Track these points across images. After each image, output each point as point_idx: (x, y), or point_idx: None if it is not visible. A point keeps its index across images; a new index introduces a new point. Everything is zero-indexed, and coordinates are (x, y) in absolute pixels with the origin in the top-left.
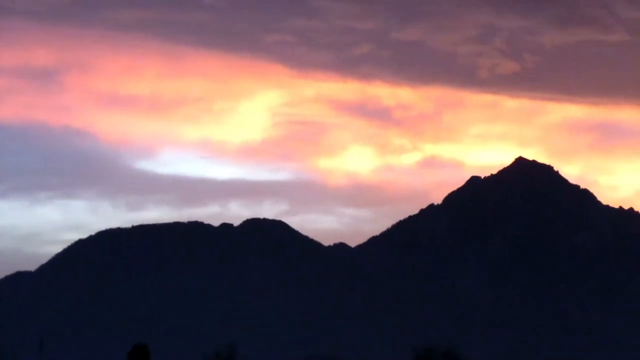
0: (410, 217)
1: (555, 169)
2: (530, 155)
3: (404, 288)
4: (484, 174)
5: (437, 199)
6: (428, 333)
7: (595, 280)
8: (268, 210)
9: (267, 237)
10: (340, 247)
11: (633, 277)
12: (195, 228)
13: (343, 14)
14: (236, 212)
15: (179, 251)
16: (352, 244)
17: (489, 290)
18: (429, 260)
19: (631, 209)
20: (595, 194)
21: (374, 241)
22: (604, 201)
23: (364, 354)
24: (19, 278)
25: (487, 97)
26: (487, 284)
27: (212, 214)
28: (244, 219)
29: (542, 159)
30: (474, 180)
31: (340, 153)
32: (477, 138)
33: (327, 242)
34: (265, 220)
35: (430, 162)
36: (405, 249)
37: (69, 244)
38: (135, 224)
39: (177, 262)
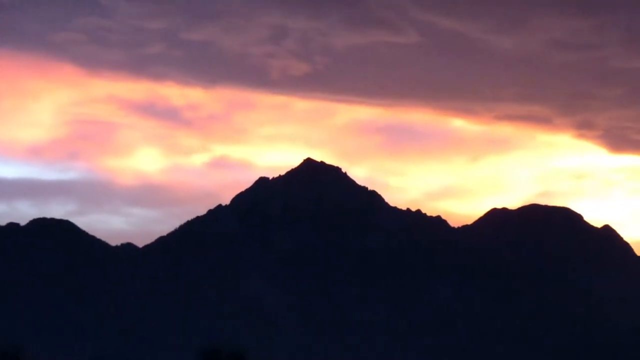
0: (197, 217)
1: (344, 170)
2: (319, 156)
3: (191, 289)
4: (272, 174)
5: (225, 200)
6: (215, 334)
7: (384, 283)
8: (55, 210)
9: (54, 236)
10: (128, 247)
11: (421, 279)
12: None
13: (133, 13)
14: (24, 212)
15: None
16: (140, 244)
17: (276, 291)
18: (216, 260)
19: (419, 211)
20: (384, 196)
21: (161, 241)
22: (393, 203)
23: (151, 354)
24: None
25: (277, 98)
26: (275, 285)
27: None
28: (31, 218)
29: (330, 160)
30: (262, 181)
31: (129, 153)
32: (266, 139)
33: (114, 242)
34: (52, 220)
35: (219, 163)
36: (192, 250)
37: None
38: None
39: None
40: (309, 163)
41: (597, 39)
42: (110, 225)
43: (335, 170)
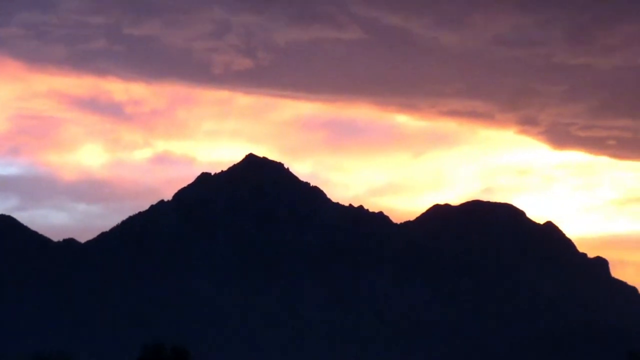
0: (140, 213)
1: (286, 166)
2: (261, 152)
3: (133, 285)
4: (215, 170)
5: (168, 195)
6: (158, 330)
7: (326, 278)
8: None
9: None
10: (70, 243)
11: (362, 275)
12: None
13: (75, 8)
14: None
15: None
16: (82, 239)
17: (217, 287)
18: (158, 256)
19: (361, 207)
20: (326, 192)
21: (103, 237)
22: (335, 199)
23: (93, 349)
24: None
25: (221, 94)
26: (217, 280)
27: None
28: None
29: (273, 156)
30: (204, 177)
31: (72, 148)
32: (209, 134)
33: (56, 237)
34: None
35: (161, 158)
36: (134, 245)
37: None
38: None
39: None
40: (251, 159)
41: (540, 36)
42: (53, 220)
43: (278, 166)
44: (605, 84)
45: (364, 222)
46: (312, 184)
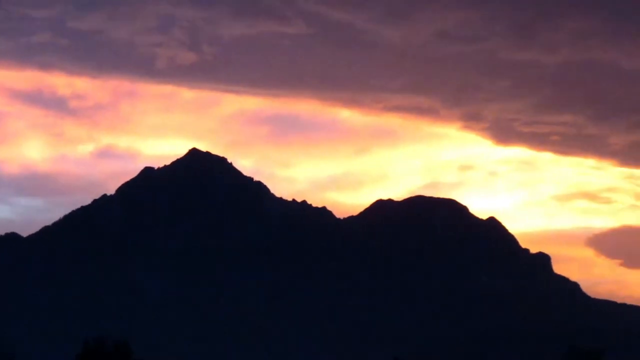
0: (83, 207)
1: (230, 160)
2: (205, 146)
3: (76, 279)
4: (158, 164)
5: (111, 190)
6: (101, 325)
7: (269, 273)
8: None
9: None
10: (12, 237)
11: (305, 269)
12: None
13: (20, 2)
14: None
15: None
16: (24, 233)
17: (161, 281)
18: (101, 251)
19: (304, 202)
20: (270, 187)
21: (46, 231)
22: (278, 194)
23: (34, 344)
24: None
25: (165, 88)
26: (160, 275)
27: None
28: None
29: (217, 150)
30: (148, 171)
31: (15, 142)
32: (153, 129)
33: None
34: None
35: (105, 153)
36: (77, 239)
37: None
38: None
39: None
40: (195, 153)
41: (484, 31)
42: None
43: (221, 161)
44: (549, 80)
45: (307, 217)
46: (256, 178)
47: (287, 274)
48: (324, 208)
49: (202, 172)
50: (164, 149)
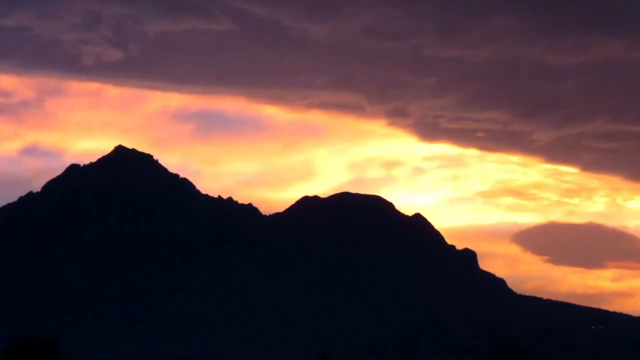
0: (8, 204)
1: (155, 157)
2: (131, 143)
3: (1, 276)
4: (84, 161)
5: (37, 187)
6: (25, 322)
7: (196, 270)
8: None
9: None
10: None
11: (232, 266)
12: None
13: None
14: None
15: None
16: None
17: (88, 278)
18: (26, 247)
19: (230, 199)
20: (196, 184)
21: None
22: (204, 191)
23: None
24: None
25: (91, 85)
26: (86, 272)
27: None
28: None
29: (142, 147)
30: (74, 168)
31: None
32: (79, 126)
33: None
34: None
35: (30, 150)
36: (3, 237)
37: None
38: None
39: None
40: (120, 150)
41: (410, 28)
42: None
43: (147, 158)
44: (475, 77)
45: (233, 214)
46: (182, 175)
47: (214, 270)
48: (250, 205)
49: (128, 169)
50: (90, 146)
